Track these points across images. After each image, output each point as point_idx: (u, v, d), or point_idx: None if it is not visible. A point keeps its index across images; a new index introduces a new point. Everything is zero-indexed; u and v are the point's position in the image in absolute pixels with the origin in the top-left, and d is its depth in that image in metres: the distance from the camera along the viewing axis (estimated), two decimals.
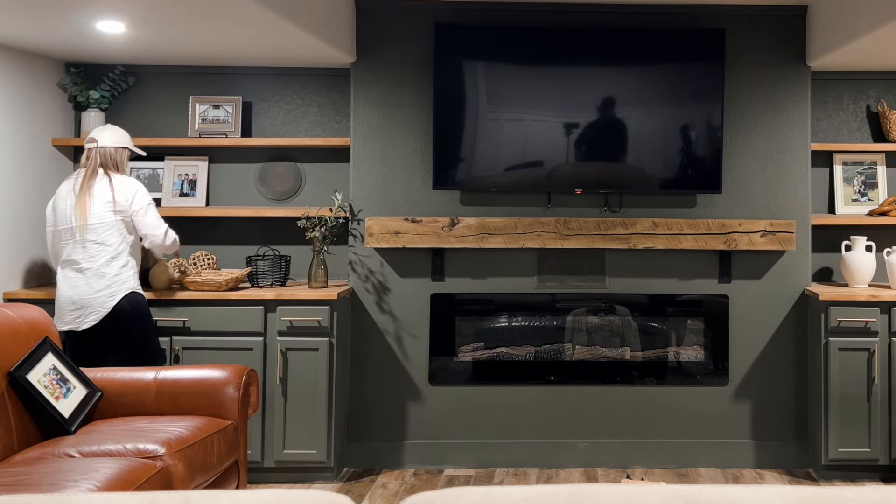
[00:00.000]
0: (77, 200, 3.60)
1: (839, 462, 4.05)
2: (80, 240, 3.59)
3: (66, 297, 3.60)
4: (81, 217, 3.58)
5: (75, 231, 3.59)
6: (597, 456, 4.27)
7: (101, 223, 3.61)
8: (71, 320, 3.59)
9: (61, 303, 3.62)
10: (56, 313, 3.62)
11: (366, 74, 4.27)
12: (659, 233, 4.16)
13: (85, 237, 3.59)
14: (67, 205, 3.62)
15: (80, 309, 3.58)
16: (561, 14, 4.24)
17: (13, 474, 2.64)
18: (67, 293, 3.60)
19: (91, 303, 3.58)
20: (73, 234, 3.60)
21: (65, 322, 3.60)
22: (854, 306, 4.03)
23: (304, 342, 3.98)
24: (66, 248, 3.62)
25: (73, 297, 3.58)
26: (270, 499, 1.24)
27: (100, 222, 3.61)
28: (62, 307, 3.61)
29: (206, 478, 3.08)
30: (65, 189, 3.68)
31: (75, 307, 3.58)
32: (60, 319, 3.60)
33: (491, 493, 1.23)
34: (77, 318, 3.59)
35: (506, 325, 4.46)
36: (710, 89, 4.18)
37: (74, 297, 3.58)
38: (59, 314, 3.61)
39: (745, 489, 1.25)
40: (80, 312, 3.58)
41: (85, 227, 3.58)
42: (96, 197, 3.61)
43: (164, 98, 4.50)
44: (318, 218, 4.16)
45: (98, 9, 3.30)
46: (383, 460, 4.25)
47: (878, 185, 4.50)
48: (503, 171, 4.22)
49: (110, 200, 3.62)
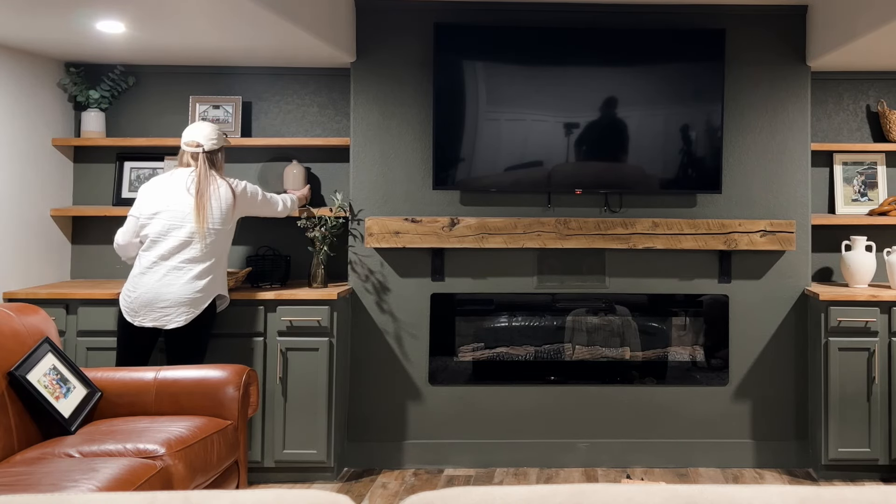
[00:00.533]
0: (196, 202, 3.59)
1: (839, 462, 4.05)
2: (197, 241, 3.59)
3: (156, 294, 3.56)
4: (202, 220, 3.58)
5: (193, 233, 3.59)
6: (597, 456, 4.27)
7: (218, 229, 3.65)
8: (158, 317, 3.57)
9: (148, 298, 3.57)
10: (135, 307, 3.58)
11: (366, 74, 4.27)
12: (659, 233, 4.16)
13: (204, 240, 3.60)
14: (183, 202, 3.60)
15: (173, 307, 3.57)
16: (561, 14, 4.24)
17: (13, 474, 2.64)
18: (160, 289, 3.57)
19: (190, 302, 3.59)
20: (185, 233, 3.59)
21: (150, 318, 3.57)
22: (854, 306, 4.03)
23: (304, 342, 3.98)
24: (167, 243, 3.59)
25: (168, 295, 3.56)
26: (270, 499, 1.24)
27: (216, 228, 3.65)
28: (150, 302, 3.57)
29: (206, 478, 3.08)
30: (171, 183, 3.65)
31: (168, 304, 3.57)
32: (145, 315, 3.57)
33: (491, 493, 1.23)
34: (165, 317, 3.57)
35: (506, 325, 4.46)
36: (710, 89, 4.18)
37: (170, 294, 3.56)
38: (146, 309, 3.57)
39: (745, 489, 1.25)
40: (173, 311, 3.57)
41: (203, 230, 3.59)
42: (214, 202, 3.64)
43: (164, 98, 4.50)
44: (318, 218, 4.16)
45: (98, 9, 3.30)
46: (383, 460, 4.25)
47: (878, 185, 4.50)
48: (503, 171, 4.22)
49: (228, 206, 3.68)
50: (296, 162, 4.39)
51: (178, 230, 3.60)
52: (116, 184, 4.46)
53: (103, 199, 4.47)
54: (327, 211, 4.21)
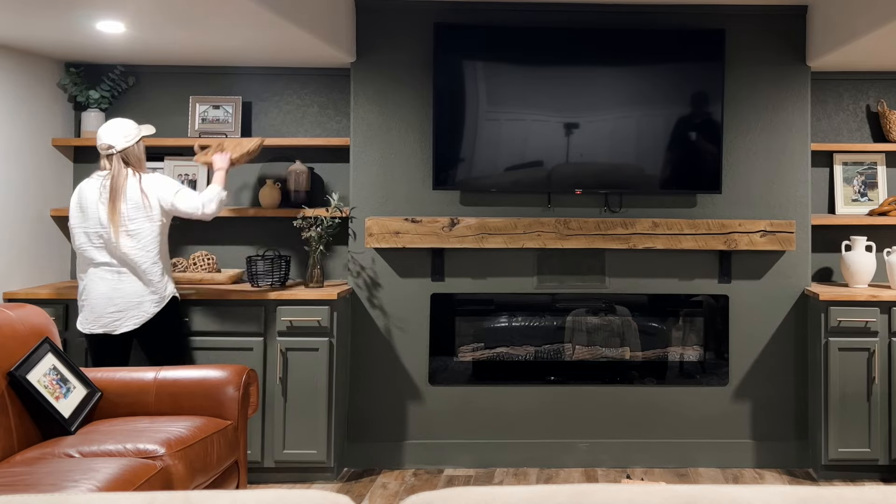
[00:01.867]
0: (110, 206, 3.52)
1: (839, 462, 4.05)
2: (117, 244, 3.52)
3: (104, 298, 3.54)
4: (114, 223, 3.50)
5: (111, 235, 3.51)
6: (597, 456, 4.27)
7: (139, 229, 3.55)
8: (108, 322, 3.56)
9: (97, 304, 3.56)
10: (85, 315, 3.58)
11: (366, 74, 4.27)
12: (659, 233, 4.16)
13: (120, 242, 3.52)
14: (99, 209, 3.54)
15: (120, 311, 3.55)
16: (561, 14, 4.24)
17: (13, 474, 2.64)
18: (106, 294, 3.54)
19: (135, 306, 3.56)
20: (108, 237, 3.52)
21: (100, 325, 3.56)
22: (854, 306, 4.03)
23: (304, 342, 3.98)
24: (98, 251, 3.55)
25: (110, 300, 3.54)
26: (270, 499, 1.24)
27: (137, 228, 3.55)
28: (97, 308, 3.56)
29: (206, 478, 3.08)
30: (90, 190, 3.58)
31: (116, 309, 3.55)
32: (95, 322, 3.56)
33: (491, 493, 1.23)
34: (115, 321, 3.55)
35: (506, 325, 4.46)
36: (710, 89, 4.18)
37: (115, 298, 3.54)
38: (94, 316, 3.56)
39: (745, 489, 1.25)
40: (120, 315, 3.55)
41: (120, 232, 3.51)
42: (127, 204, 3.54)
43: (164, 98, 4.50)
44: (314, 218, 4.16)
45: (98, 9, 3.30)
46: (383, 460, 4.25)
47: (878, 185, 4.50)
48: (503, 171, 4.22)
49: (146, 204, 3.56)
50: (299, 162, 4.39)
51: (100, 238, 3.54)
52: None
53: None
54: (324, 211, 4.21)
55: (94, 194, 3.56)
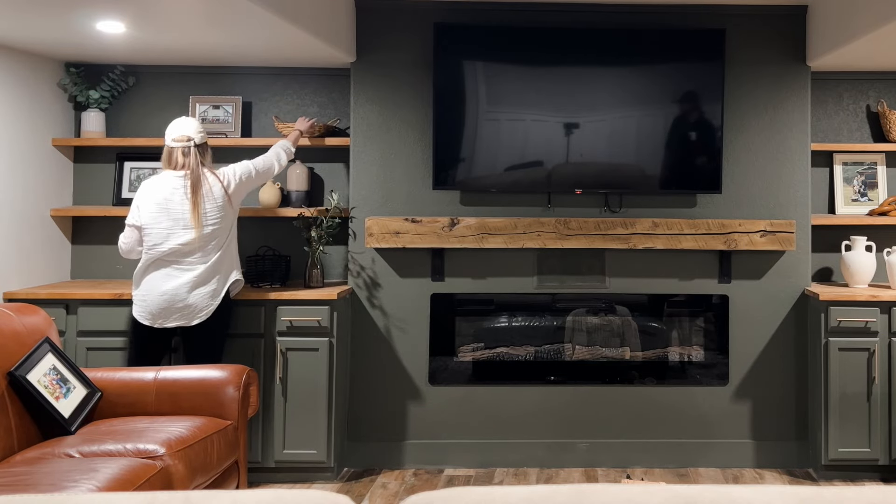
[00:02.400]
0: (192, 206, 3.60)
1: (839, 462, 4.05)
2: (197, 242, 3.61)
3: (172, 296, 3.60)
4: (198, 223, 3.60)
5: (193, 236, 3.60)
6: (597, 456, 4.27)
7: (216, 227, 3.66)
8: (180, 317, 3.62)
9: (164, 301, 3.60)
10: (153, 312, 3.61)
11: (366, 74, 4.27)
12: (659, 233, 4.16)
13: (204, 241, 3.63)
14: (184, 206, 3.61)
15: (191, 305, 3.62)
16: (561, 14, 4.24)
17: (13, 474, 2.64)
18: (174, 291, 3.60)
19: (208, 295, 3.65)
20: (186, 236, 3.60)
21: (172, 319, 3.62)
22: (854, 306, 4.03)
23: (304, 342, 3.98)
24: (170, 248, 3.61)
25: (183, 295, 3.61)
26: (270, 499, 1.24)
27: (215, 226, 3.66)
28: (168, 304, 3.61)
29: (206, 478, 3.08)
30: (164, 188, 3.64)
31: (186, 303, 3.61)
32: (166, 317, 3.61)
33: (491, 493, 1.23)
34: (186, 315, 3.62)
35: (506, 325, 4.46)
36: (710, 89, 4.18)
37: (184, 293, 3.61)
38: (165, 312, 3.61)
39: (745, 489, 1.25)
40: (191, 308, 3.63)
41: (200, 231, 3.61)
42: (209, 203, 3.65)
43: (164, 98, 4.50)
44: (314, 218, 4.16)
45: (98, 9, 3.30)
46: (383, 460, 4.25)
47: (878, 185, 4.50)
48: (503, 171, 4.22)
49: (222, 196, 3.68)
50: (299, 162, 4.38)
51: (179, 235, 3.60)
52: (116, 184, 4.45)
53: (103, 199, 4.47)
54: (324, 211, 4.21)
55: (177, 192, 3.63)
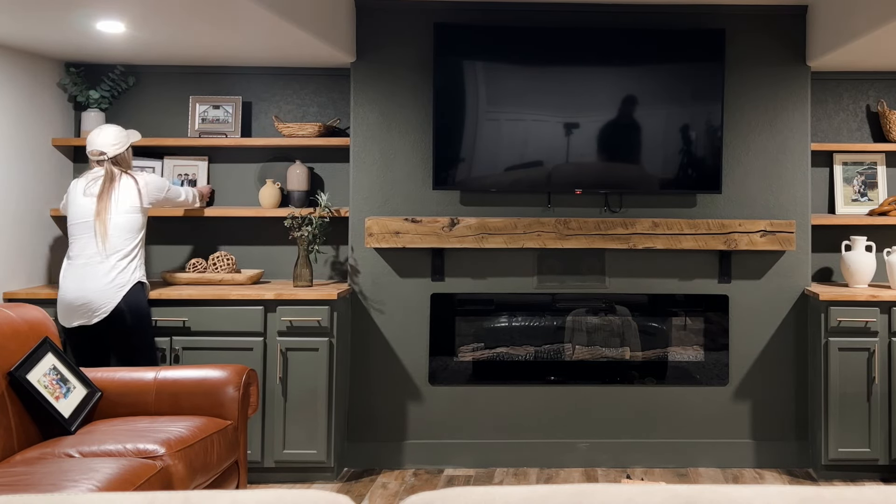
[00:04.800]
0: (97, 203, 3.70)
1: (839, 462, 4.05)
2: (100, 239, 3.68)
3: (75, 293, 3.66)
4: (102, 220, 3.68)
5: (95, 230, 3.68)
6: (597, 456, 4.26)
7: (122, 227, 3.72)
8: (82, 314, 3.66)
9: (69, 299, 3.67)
10: (63, 310, 3.69)
11: (366, 74, 4.27)
12: (659, 233, 4.16)
13: (106, 238, 3.68)
14: (86, 204, 3.72)
15: (92, 303, 3.66)
16: (561, 14, 4.24)
17: (13, 474, 2.64)
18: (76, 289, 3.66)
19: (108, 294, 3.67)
20: (92, 231, 3.68)
21: (76, 317, 3.67)
22: (854, 306, 4.03)
23: (304, 342, 3.98)
24: (77, 245, 3.71)
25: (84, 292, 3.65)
26: (270, 499, 1.24)
27: (120, 226, 3.71)
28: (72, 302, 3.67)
29: (206, 478, 3.08)
30: (78, 186, 3.79)
31: (87, 300, 3.65)
32: (71, 315, 3.67)
33: (491, 493, 1.23)
34: (88, 312, 3.66)
35: (506, 325, 4.46)
36: (710, 89, 4.18)
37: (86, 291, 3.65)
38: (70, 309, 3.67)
39: (745, 489, 1.25)
40: (93, 306, 3.66)
41: (106, 231, 3.68)
42: (113, 202, 3.73)
43: (164, 98, 4.50)
44: (303, 218, 4.17)
45: (98, 9, 3.30)
46: (383, 460, 4.25)
47: (878, 185, 4.50)
48: (503, 171, 4.22)
49: (136, 203, 3.77)
50: (299, 162, 4.39)
51: (84, 232, 3.70)
52: None
53: None
54: (315, 211, 4.21)
55: (86, 189, 3.75)
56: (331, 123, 4.37)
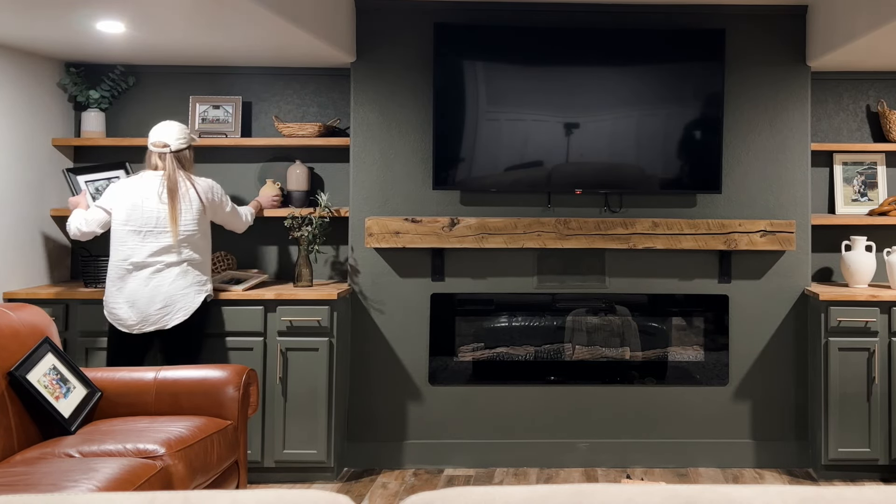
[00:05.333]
0: (169, 207, 3.64)
1: (839, 462, 4.05)
2: (174, 245, 3.65)
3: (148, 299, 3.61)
4: (175, 224, 3.64)
5: (169, 237, 3.64)
6: (597, 456, 4.27)
7: (192, 231, 3.70)
8: (157, 320, 3.63)
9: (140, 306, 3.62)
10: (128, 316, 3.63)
11: (366, 74, 4.27)
12: (659, 233, 4.16)
13: (179, 244, 3.66)
14: (155, 207, 3.65)
15: (167, 307, 3.63)
16: (561, 14, 4.24)
17: (13, 474, 2.64)
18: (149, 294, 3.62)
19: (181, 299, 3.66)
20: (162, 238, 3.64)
21: (149, 324, 3.62)
22: (854, 306, 4.03)
23: (304, 342, 3.98)
24: (144, 250, 3.64)
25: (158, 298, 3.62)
26: (270, 499, 1.24)
27: (190, 230, 3.69)
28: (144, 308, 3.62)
29: (206, 478, 3.08)
30: (141, 188, 3.68)
31: (161, 306, 3.62)
32: (143, 322, 3.62)
33: (491, 493, 1.23)
34: (163, 318, 3.63)
35: (506, 325, 4.46)
36: (710, 89, 4.18)
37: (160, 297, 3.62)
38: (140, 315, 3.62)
39: (745, 489, 1.25)
40: (167, 310, 3.64)
41: (177, 233, 3.65)
42: (184, 205, 3.68)
43: (164, 98, 4.50)
44: (303, 218, 4.17)
45: (98, 9, 3.30)
46: (383, 460, 4.25)
47: (878, 185, 4.50)
48: (503, 171, 4.22)
49: (199, 207, 3.73)
50: (299, 162, 4.39)
51: (154, 236, 3.64)
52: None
53: None
54: (313, 211, 4.21)
55: (152, 192, 3.67)
56: (331, 123, 4.37)
